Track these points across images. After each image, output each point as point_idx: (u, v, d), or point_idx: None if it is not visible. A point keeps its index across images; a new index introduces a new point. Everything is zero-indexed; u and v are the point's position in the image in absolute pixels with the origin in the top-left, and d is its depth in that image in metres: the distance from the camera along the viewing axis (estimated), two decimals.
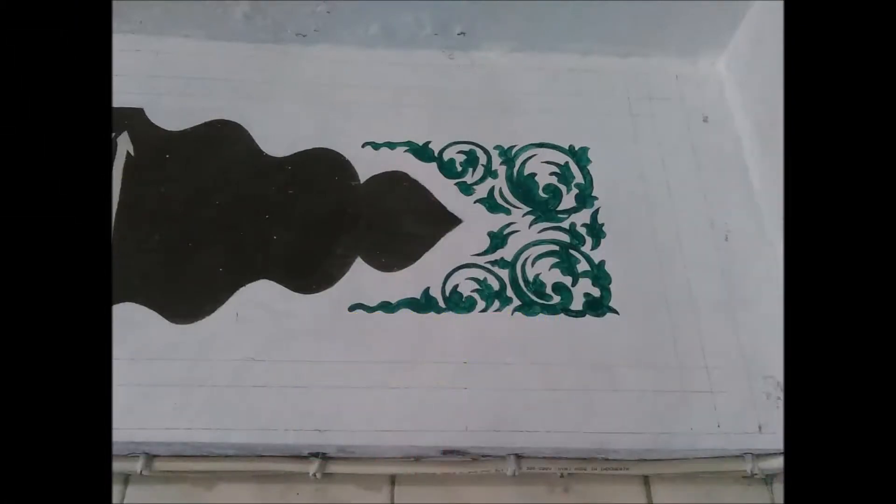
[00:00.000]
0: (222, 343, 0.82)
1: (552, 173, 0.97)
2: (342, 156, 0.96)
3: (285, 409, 0.78)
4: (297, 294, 0.85)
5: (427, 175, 0.96)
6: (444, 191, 0.94)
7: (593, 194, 0.96)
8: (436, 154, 0.97)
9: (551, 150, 0.99)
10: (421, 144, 0.98)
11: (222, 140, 0.96)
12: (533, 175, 0.96)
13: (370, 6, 0.99)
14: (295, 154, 0.96)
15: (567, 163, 0.98)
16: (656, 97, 1.05)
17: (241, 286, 0.85)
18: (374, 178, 0.95)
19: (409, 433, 0.78)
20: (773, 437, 0.80)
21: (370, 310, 0.85)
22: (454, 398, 0.80)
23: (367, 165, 0.96)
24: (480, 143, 0.99)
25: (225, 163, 0.95)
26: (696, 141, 1.01)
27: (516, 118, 1.01)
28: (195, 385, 0.79)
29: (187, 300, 0.84)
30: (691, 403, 0.82)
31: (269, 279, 0.86)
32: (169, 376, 0.79)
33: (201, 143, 0.96)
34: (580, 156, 0.99)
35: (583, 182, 0.96)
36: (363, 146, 0.97)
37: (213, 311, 0.84)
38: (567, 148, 0.99)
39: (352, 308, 0.85)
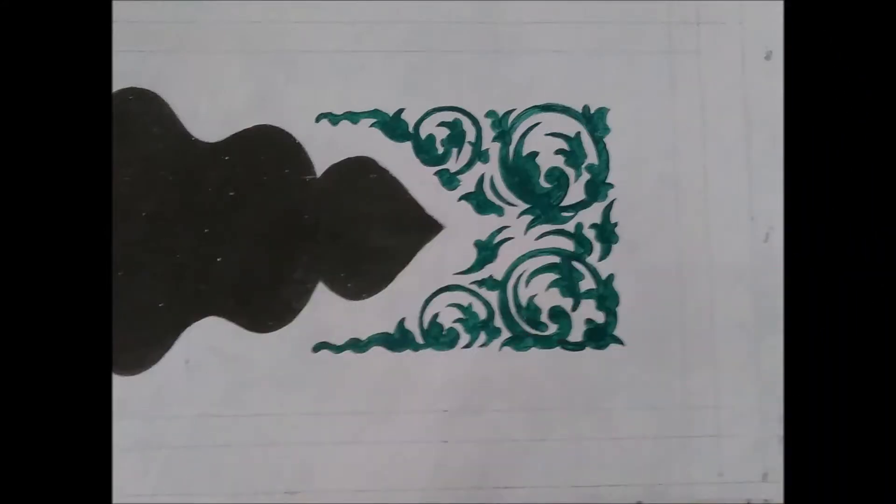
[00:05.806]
0: (174, 397, 0.73)
1: (559, 151, 0.77)
2: (291, 137, 0.76)
3: (250, 471, 0.73)
4: (251, 333, 0.74)
5: (400, 161, 0.76)
6: (421, 184, 0.76)
7: (608, 181, 0.77)
8: (411, 129, 0.76)
9: (559, 116, 0.77)
10: (391, 115, 0.76)
11: (137, 119, 0.75)
12: (534, 156, 0.76)
13: None
14: (232, 137, 0.76)
15: (578, 134, 0.77)
16: (705, 21, 0.78)
17: (188, 326, 0.74)
18: (334, 170, 0.76)
19: (384, 492, 0.73)
20: (778, 486, 0.74)
21: (338, 349, 0.74)
22: (433, 452, 0.74)
23: (324, 149, 0.76)
24: (467, 110, 0.77)
25: (145, 153, 0.75)
26: (748, 90, 0.78)
27: (516, 63, 0.77)
28: (152, 448, 0.73)
29: (128, 348, 0.73)
30: (693, 449, 0.75)
31: (218, 315, 0.74)
32: (122, 439, 0.73)
33: (115, 124, 0.75)
34: (596, 122, 0.77)
35: (596, 163, 0.77)
36: (318, 120, 0.76)
37: (158, 358, 0.74)
38: (580, 111, 0.77)
39: (316, 348, 0.74)
